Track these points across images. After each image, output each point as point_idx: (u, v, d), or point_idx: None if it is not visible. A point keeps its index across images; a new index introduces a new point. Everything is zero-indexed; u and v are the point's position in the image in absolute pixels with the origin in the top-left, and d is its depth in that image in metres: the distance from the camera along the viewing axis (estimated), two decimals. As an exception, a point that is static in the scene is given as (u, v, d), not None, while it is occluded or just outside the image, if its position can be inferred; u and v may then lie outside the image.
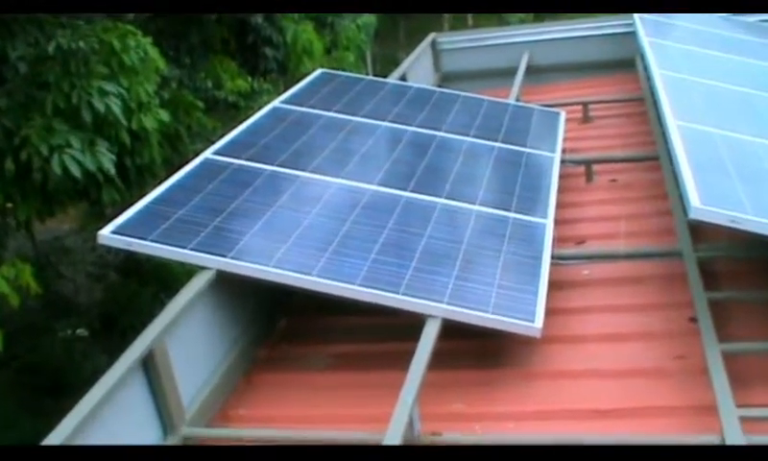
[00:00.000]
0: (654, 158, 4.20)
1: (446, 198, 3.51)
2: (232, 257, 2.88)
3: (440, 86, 6.18)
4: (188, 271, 6.62)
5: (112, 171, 5.29)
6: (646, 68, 4.78)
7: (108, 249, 6.87)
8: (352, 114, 4.38)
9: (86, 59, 5.36)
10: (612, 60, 6.07)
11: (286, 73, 8.95)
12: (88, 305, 7.65)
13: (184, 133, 6.52)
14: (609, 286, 3.26)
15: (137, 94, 5.63)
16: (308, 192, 3.42)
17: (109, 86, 5.37)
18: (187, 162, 3.63)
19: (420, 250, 3.05)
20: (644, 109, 5.00)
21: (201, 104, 6.81)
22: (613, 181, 4.28)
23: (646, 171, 4.25)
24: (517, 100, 5.29)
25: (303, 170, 3.61)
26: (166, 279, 6.68)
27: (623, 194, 4.08)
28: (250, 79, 8.49)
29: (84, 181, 5.19)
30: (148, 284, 6.83)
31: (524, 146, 4.27)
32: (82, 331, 7.46)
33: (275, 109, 4.33)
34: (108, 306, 6.94)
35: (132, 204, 3.20)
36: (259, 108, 5.13)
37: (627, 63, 5.84)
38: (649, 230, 3.62)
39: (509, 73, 5.88)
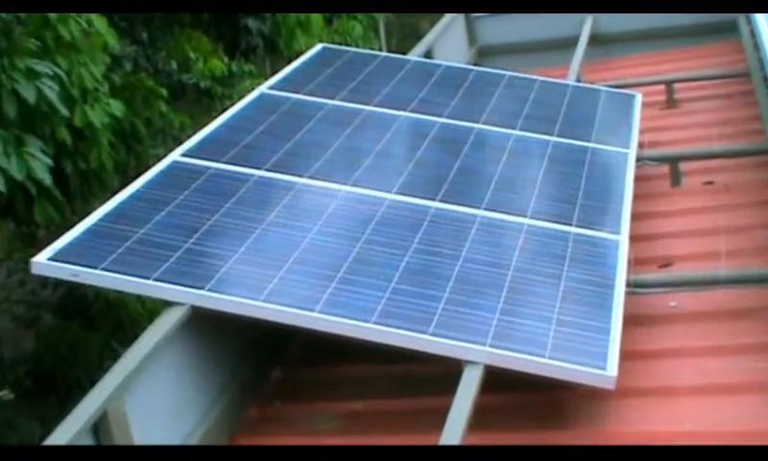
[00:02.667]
0: (763, 153, 4.23)
1: (487, 209, 3.56)
2: (210, 289, 2.94)
3: (476, 64, 6.24)
4: (150, 309, 6.58)
5: (48, 180, 5.31)
6: (754, 32, 4.81)
7: (44, 281, 7.02)
8: (363, 102, 4.45)
9: (8, 29, 5.39)
10: (705, 24, 6.11)
11: (275, 51, 9.06)
12: (15, 358, 7.70)
13: (143, 129, 6.60)
14: (704, 322, 3.28)
15: (80, 78, 5.67)
16: (307, 204, 3.49)
17: (42, 67, 5.38)
18: (148, 168, 3.71)
19: (455, 277, 3.10)
20: (750, 86, 5.03)
21: (164, 91, 6.90)
22: (709, 183, 4.32)
23: (753, 169, 4.27)
24: (578, 80, 5.34)
25: (301, 175, 3.68)
26: (120, 320, 6.74)
27: (722, 200, 4.11)
28: (227, 59, 8.60)
29: (8, 193, 5.22)
30: (96, 328, 6.89)
31: (588, 140, 4.32)
32: (6, 393, 7.51)
33: (262, 97, 4.41)
34: (44, 358, 6.98)
35: (75, 222, 3.27)
36: (240, 95, 5.21)
37: (726, 27, 5.87)
38: (758, 248, 3.64)
39: (567, 45, 5.94)
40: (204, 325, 2.96)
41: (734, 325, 3.22)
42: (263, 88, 4.53)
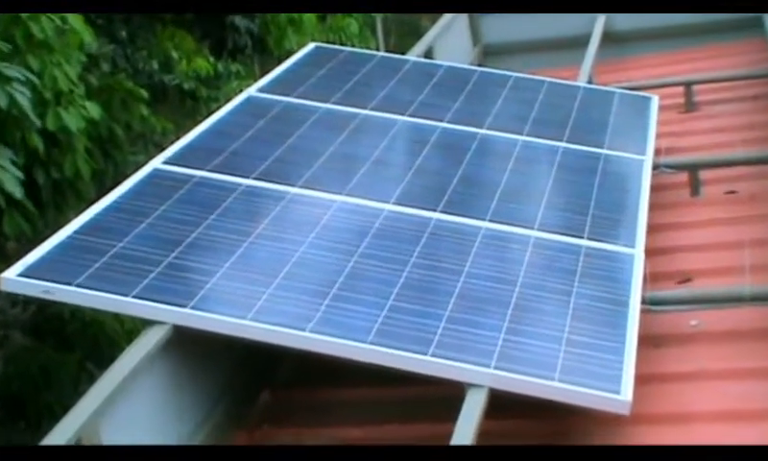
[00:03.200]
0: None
1: (492, 220, 3.57)
2: (194, 307, 2.94)
3: (480, 65, 6.26)
4: (129, 329, 6.56)
5: (18, 194, 5.30)
6: None
7: (14, 299, 7.02)
8: (359, 106, 4.46)
9: None
10: (726, 21, 6.12)
11: (264, 50, 9.07)
12: (-18, 382, 7.70)
13: (122, 134, 6.61)
14: (727, 342, 3.28)
15: (54, 80, 5.69)
16: (299, 215, 3.49)
17: (13, 71, 5.39)
18: (127, 176, 3.71)
19: (457, 294, 3.10)
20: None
21: (144, 93, 6.91)
22: (731, 192, 4.33)
23: (779, 178, 4.29)
24: (590, 81, 5.36)
25: (292, 184, 3.68)
26: (97, 340, 6.74)
27: (745, 211, 4.12)
28: (213, 58, 8.61)
29: (-25, 206, 5.22)
30: (71, 349, 6.88)
31: (601, 146, 4.33)
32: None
33: (250, 100, 4.42)
34: (14, 382, 6.98)
35: (48, 235, 3.27)
36: (227, 98, 5.22)
37: (749, 24, 5.89)
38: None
39: (578, 44, 5.96)
40: (187, 345, 2.96)
41: (760, 345, 3.21)
42: (251, 91, 4.55)
